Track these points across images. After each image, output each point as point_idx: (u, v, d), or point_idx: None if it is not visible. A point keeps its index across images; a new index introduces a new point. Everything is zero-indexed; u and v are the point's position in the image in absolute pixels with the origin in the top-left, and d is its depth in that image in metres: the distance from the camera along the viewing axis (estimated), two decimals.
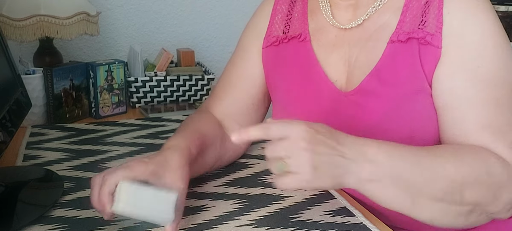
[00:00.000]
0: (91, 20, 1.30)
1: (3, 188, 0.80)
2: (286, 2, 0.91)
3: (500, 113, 0.70)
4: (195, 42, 1.72)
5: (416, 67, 0.74)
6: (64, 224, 0.71)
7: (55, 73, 1.19)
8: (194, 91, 1.42)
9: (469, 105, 0.71)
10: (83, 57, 1.58)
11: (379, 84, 0.76)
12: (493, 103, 0.70)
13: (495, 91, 0.71)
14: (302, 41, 0.86)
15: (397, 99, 0.75)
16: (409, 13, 0.77)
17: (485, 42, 0.72)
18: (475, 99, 0.71)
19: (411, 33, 0.75)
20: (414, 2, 0.77)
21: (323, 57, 0.84)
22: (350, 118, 0.79)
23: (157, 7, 1.65)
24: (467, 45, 0.72)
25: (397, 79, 0.75)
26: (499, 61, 0.72)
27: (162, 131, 1.16)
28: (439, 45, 0.73)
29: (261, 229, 0.71)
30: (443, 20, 0.73)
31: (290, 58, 0.87)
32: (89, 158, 0.97)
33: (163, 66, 1.43)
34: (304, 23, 0.87)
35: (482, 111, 0.70)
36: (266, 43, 0.91)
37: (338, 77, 0.82)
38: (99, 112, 1.28)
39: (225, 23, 1.74)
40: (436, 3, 0.74)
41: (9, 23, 1.19)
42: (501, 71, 0.72)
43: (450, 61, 0.72)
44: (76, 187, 0.84)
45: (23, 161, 0.96)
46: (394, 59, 0.76)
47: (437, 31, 0.73)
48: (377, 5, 0.79)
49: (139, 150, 1.03)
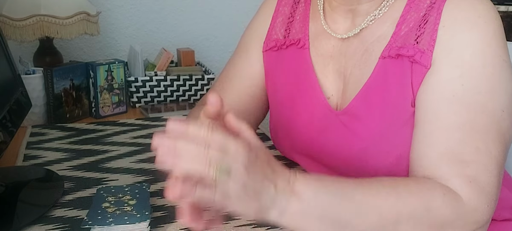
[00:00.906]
0: (91, 20, 1.30)
1: (4, 188, 0.80)
2: (289, 4, 0.89)
3: (469, 141, 0.64)
4: (195, 42, 1.72)
5: (406, 87, 0.70)
6: (64, 224, 0.71)
7: (55, 73, 1.19)
8: (194, 91, 1.42)
9: (437, 126, 0.66)
10: (83, 57, 1.58)
11: (366, 108, 0.73)
12: (463, 129, 0.65)
13: (471, 116, 0.65)
14: (300, 48, 0.83)
15: (384, 128, 0.72)
16: (405, 26, 0.72)
17: (474, 61, 0.66)
18: (447, 121, 0.66)
19: (402, 49, 0.71)
20: (412, 13, 0.72)
21: (320, 68, 0.81)
22: (341, 140, 0.76)
23: (157, 7, 1.65)
24: (454, 61, 0.67)
25: (386, 102, 0.72)
26: (486, 84, 0.66)
27: (162, 130, 1.15)
28: (428, 65, 0.68)
29: (261, 229, 0.71)
30: (437, 35, 0.68)
31: (288, 65, 0.85)
32: (89, 158, 0.97)
33: (163, 66, 1.43)
34: (305, 27, 0.85)
35: (448, 136, 0.65)
36: (266, 47, 0.89)
37: (333, 91, 0.79)
38: (99, 112, 1.28)
39: (225, 23, 1.74)
40: (434, 17, 0.70)
41: (9, 23, 1.19)
42: (484, 96, 0.65)
43: (434, 75, 0.68)
44: (76, 187, 0.84)
45: (23, 161, 0.96)
46: (386, 76, 0.72)
47: (429, 49, 0.68)
48: (377, 13, 0.75)
49: (139, 149, 1.03)
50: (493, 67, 0.66)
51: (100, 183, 0.85)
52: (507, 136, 0.67)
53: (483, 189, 0.63)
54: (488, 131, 0.65)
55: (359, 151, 0.74)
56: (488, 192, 0.63)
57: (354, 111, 0.74)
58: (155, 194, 0.81)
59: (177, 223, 0.72)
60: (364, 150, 0.73)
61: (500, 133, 0.65)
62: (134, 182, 0.86)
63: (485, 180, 0.63)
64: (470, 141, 0.64)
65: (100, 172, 0.91)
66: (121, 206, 0.74)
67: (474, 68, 0.66)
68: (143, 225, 0.69)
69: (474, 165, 0.63)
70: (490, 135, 0.65)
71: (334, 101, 0.79)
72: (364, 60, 0.75)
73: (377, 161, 0.72)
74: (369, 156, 0.73)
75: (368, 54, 0.75)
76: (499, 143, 0.65)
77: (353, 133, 0.75)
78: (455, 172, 0.64)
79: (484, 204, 0.62)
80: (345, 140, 0.75)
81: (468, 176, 0.63)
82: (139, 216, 0.70)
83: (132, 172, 0.91)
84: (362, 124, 0.73)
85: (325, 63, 0.81)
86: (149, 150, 1.02)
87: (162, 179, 0.88)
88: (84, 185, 0.84)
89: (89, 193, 0.81)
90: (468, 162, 0.64)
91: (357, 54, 0.77)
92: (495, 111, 0.66)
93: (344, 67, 0.78)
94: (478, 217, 0.62)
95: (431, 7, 0.71)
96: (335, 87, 0.79)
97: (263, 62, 0.90)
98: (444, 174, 0.64)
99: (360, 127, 0.74)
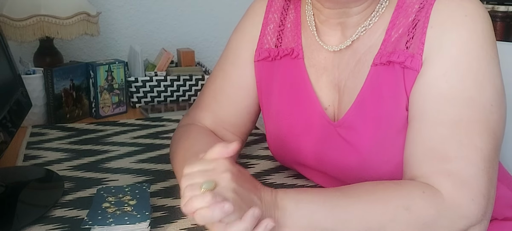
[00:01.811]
0: (91, 20, 1.30)
1: (4, 188, 0.80)
2: (278, 11, 0.85)
3: (452, 137, 0.64)
4: (195, 42, 1.72)
5: (400, 94, 0.70)
6: (64, 224, 0.71)
7: (56, 73, 1.19)
8: (194, 91, 1.42)
9: (424, 125, 0.67)
10: (83, 57, 1.58)
11: (362, 119, 0.73)
12: (447, 126, 0.65)
13: (456, 111, 0.65)
14: (294, 58, 0.81)
15: (380, 138, 0.72)
16: (394, 32, 0.72)
17: (460, 58, 0.66)
18: (432, 119, 0.66)
19: (392, 55, 0.70)
20: (401, 18, 0.72)
21: (314, 78, 0.79)
22: (339, 151, 0.76)
23: (157, 7, 1.65)
24: (442, 58, 0.67)
25: (381, 111, 0.71)
26: (472, 80, 0.66)
27: (162, 131, 1.16)
28: (419, 67, 0.68)
29: None
30: (425, 37, 0.68)
31: (282, 75, 0.83)
32: (89, 158, 0.98)
33: (163, 66, 1.43)
34: (297, 36, 0.82)
35: (433, 134, 0.65)
36: (258, 57, 0.85)
37: (330, 102, 0.78)
38: (99, 112, 1.28)
39: (225, 23, 1.73)
40: (422, 21, 0.69)
41: (9, 23, 1.19)
42: (470, 92, 0.65)
43: (423, 76, 0.68)
44: (76, 187, 0.84)
45: (24, 161, 0.96)
46: (378, 83, 0.72)
47: (418, 52, 0.68)
48: (367, 24, 0.74)
49: (139, 150, 1.03)
50: (480, 64, 0.66)
51: (100, 183, 0.85)
52: (497, 130, 0.66)
53: (465, 182, 0.62)
54: (474, 125, 0.65)
55: (358, 162, 0.74)
56: (472, 186, 0.62)
57: (350, 122, 0.74)
58: (155, 194, 0.81)
59: (177, 223, 0.72)
60: (363, 161, 0.73)
61: (488, 127, 0.65)
62: (134, 182, 0.86)
63: (468, 174, 0.63)
64: (454, 137, 0.64)
65: (100, 172, 0.91)
66: (121, 206, 0.74)
67: (459, 64, 0.66)
68: (143, 225, 0.69)
69: (457, 160, 0.64)
70: (476, 129, 0.64)
71: (331, 112, 0.78)
72: (357, 70, 0.75)
73: (377, 170, 0.72)
74: (368, 166, 0.73)
75: (361, 64, 0.75)
76: (487, 136, 0.65)
77: (351, 144, 0.74)
78: (436, 168, 0.64)
79: (467, 198, 0.62)
80: (344, 151, 0.75)
81: (448, 170, 0.63)
82: (139, 216, 0.71)
83: (132, 172, 0.91)
84: (359, 135, 0.73)
85: (318, 74, 0.79)
86: (149, 150, 1.02)
87: (162, 179, 0.88)
88: (84, 185, 0.84)
89: (89, 193, 0.81)
90: (451, 158, 0.64)
91: (350, 65, 0.76)
92: (483, 105, 0.65)
93: (338, 79, 0.77)
94: (463, 212, 0.62)
95: (420, 11, 0.70)
96: (331, 98, 0.78)
97: (254, 72, 0.87)
98: (426, 172, 0.65)
99: (357, 138, 0.73)
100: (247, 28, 0.89)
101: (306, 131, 0.79)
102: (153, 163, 0.95)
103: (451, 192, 0.62)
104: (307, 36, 0.81)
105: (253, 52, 0.86)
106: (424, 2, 0.70)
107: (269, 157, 0.99)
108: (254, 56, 0.86)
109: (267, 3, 0.87)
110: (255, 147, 1.05)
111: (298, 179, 0.89)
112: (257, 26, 0.87)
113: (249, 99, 0.88)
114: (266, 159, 0.99)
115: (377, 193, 0.63)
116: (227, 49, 0.90)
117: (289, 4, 0.85)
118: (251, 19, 0.89)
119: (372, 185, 0.66)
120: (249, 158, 0.99)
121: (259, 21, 0.87)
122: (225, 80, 0.88)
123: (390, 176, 0.71)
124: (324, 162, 0.79)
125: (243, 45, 0.88)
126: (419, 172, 0.66)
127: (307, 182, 0.87)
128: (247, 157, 0.99)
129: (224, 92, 0.88)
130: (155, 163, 0.95)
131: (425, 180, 0.64)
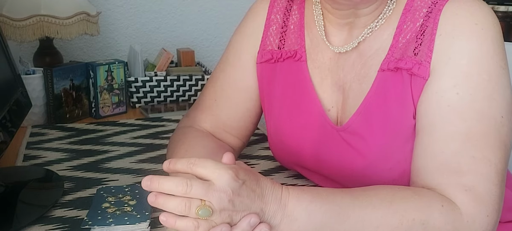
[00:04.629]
0: (91, 20, 1.30)
1: (3, 188, 0.80)
2: (281, 11, 0.84)
3: (464, 151, 0.63)
4: (195, 42, 1.72)
5: (407, 101, 0.69)
6: (64, 224, 0.71)
7: (55, 73, 1.19)
8: (194, 91, 1.42)
9: (434, 138, 0.66)
10: (83, 57, 1.58)
11: (368, 125, 0.72)
12: (459, 139, 0.64)
13: (467, 124, 0.64)
14: (297, 61, 0.81)
15: (386, 145, 0.71)
16: (402, 37, 0.71)
17: (470, 70, 0.65)
18: (443, 132, 0.65)
19: (400, 62, 0.70)
20: (408, 23, 0.71)
21: (318, 81, 0.79)
22: (343, 156, 0.75)
23: (157, 7, 1.65)
24: (451, 70, 0.66)
25: (387, 118, 0.71)
26: (482, 92, 0.64)
27: (162, 131, 1.16)
28: (426, 75, 0.67)
29: None
30: (434, 45, 0.67)
31: (284, 78, 0.82)
32: (89, 158, 0.97)
33: (163, 66, 1.43)
34: (300, 38, 0.81)
35: (444, 147, 0.64)
36: (261, 59, 0.84)
37: (332, 104, 0.78)
38: (99, 112, 1.28)
39: (225, 23, 1.74)
40: (431, 27, 0.68)
41: (9, 23, 1.19)
42: (481, 103, 0.64)
43: (431, 86, 0.67)
44: (76, 187, 0.84)
45: (23, 161, 0.96)
46: (385, 90, 0.71)
47: (426, 59, 0.67)
48: (374, 26, 0.73)
49: (139, 150, 1.03)
50: (490, 75, 0.65)
51: (100, 183, 0.85)
52: (507, 141, 0.66)
53: (481, 198, 0.62)
54: (486, 138, 0.64)
55: (362, 168, 0.73)
56: (487, 202, 0.62)
57: (356, 128, 0.73)
58: None
59: None
60: (367, 167, 0.73)
61: (500, 140, 0.64)
62: (134, 182, 0.86)
63: (483, 189, 0.62)
64: (466, 151, 0.63)
65: (100, 172, 0.91)
66: (121, 206, 0.74)
67: (470, 76, 0.65)
68: (143, 225, 0.69)
69: (471, 175, 0.63)
70: (488, 142, 0.64)
71: (334, 114, 0.78)
72: (363, 74, 0.74)
73: (381, 176, 0.72)
74: (372, 172, 0.72)
75: (367, 67, 0.74)
76: (498, 150, 0.64)
77: (355, 150, 0.74)
78: (452, 181, 0.63)
79: (483, 214, 0.62)
80: (348, 156, 0.75)
81: (465, 186, 0.62)
82: (139, 216, 0.70)
83: (132, 172, 0.91)
84: (364, 141, 0.72)
85: (322, 76, 0.79)
86: (149, 150, 1.02)
87: None
88: (84, 185, 0.84)
89: (89, 193, 0.81)
90: (465, 172, 0.63)
91: (356, 68, 0.75)
92: (494, 118, 0.65)
93: (342, 81, 0.77)
94: (477, 228, 0.62)
95: (428, 16, 0.69)
96: (334, 100, 0.78)
97: (256, 74, 0.86)
98: (441, 183, 0.64)
99: (362, 144, 0.73)
100: (249, 30, 0.88)
101: (308, 133, 0.79)
102: (153, 163, 0.95)
103: (469, 208, 0.62)
104: (312, 37, 0.81)
105: (255, 54, 0.85)
106: (432, 6, 0.69)
107: (269, 157, 0.99)
108: (256, 58, 0.85)
109: (269, 4, 0.86)
110: (255, 147, 1.05)
111: (299, 179, 0.89)
112: (259, 28, 0.86)
113: (250, 101, 0.87)
114: (266, 159, 0.99)
115: (395, 204, 0.61)
116: (228, 51, 0.90)
117: (292, 5, 0.84)
118: (253, 20, 0.88)
119: (389, 192, 0.63)
120: (249, 158, 0.99)
121: (261, 22, 0.86)
122: (226, 82, 0.88)
123: (393, 184, 0.70)
124: (325, 165, 0.78)
125: (244, 46, 0.87)
126: (433, 183, 0.65)
127: (307, 182, 0.87)
128: (247, 157, 0.99)
129: (225, 94, 0.87)
130: (155, 163, 0.95)
131: (442, 192, 0.63)
